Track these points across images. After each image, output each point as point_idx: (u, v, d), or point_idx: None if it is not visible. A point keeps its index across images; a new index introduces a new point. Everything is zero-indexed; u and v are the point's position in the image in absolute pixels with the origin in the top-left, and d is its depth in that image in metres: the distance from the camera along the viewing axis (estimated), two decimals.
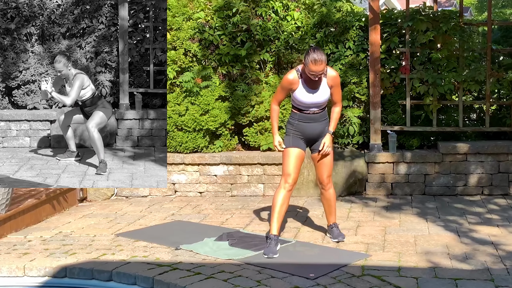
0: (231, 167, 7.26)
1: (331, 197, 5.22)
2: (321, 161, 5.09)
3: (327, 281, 4.20)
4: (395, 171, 7.04)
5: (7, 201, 5.70)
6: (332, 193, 5.21)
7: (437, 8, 7.34)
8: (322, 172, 5.12)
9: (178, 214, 6.42)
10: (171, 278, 4.36)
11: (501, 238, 5.17)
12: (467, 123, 7.54)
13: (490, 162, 6.96)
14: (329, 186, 5.17)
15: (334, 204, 5.26)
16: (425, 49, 7.19)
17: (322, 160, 5.08)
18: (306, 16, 7.53)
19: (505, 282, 4.10)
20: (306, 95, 4.90)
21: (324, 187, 5.17)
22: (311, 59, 4.69)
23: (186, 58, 7.43)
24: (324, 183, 5.15)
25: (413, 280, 4.18)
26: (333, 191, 5.23)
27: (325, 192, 5.19)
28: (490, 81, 7.13)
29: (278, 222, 4.93)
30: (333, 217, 5.29)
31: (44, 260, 4.88)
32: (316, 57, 4.68)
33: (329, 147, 5.03)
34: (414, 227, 5.61)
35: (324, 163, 5.09)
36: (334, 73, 4.95)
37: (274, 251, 4.82)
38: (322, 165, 5.10)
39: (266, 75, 7.54)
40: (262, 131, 7.37)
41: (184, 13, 7.53)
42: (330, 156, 5.10)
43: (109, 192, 7.32)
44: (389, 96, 7.34)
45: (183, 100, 7.42)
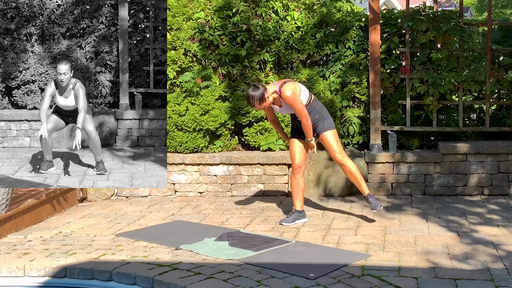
0: (231, 167, 7.26)
1: (352, 170, 5.73)
2: (325, 143, 5.76)
3: (327, 281, 4.20)
4: (395, 171, 7.04)
5: (7, 201, 5.70)
6: (350, 166, 5.73)
7: (437, 8, 7.34)
8: (331, 152, 5.76)
9: (178, 214, 6.42)
10: (171, 278, 4.36)
11: (501, 238, 5.17)
12: (467, 123, 7.54)
13: (490, 162, 6.96)
14: (344, 161, 5.72)
15: (358, 176, 5.76)
16: (425, 49, 7.19)
17: (325, 142, 5.75)
18: (306, 16, 7.53)
19: (505, 282, 4.10)
20: (278, 109, 5.76)
21: (340, 163, 5.76)
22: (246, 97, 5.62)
23: (186, 58, 7.43)
24: (337, 160, 5.77)
25: (413, 280, 4.18)
26: (352, 164, 5.75)
27: (343, 167, 5.76)
28: (490, 81, 7.13)
29: (297, 198, 5.86)
30: (364, 189, 5.78)
31: (44, 260, 4.87)
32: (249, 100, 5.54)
33: (313, 151, 5.81)
34: (414, 227, 5.62)
35: (327, 144, 5.74)
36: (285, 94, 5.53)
37: (288, 221, 5.80)
38: (327, 146, 5.77)
39: (266, 75, 7.54)
40: (262, 131, 7.37)
41: (184, 13, 7.53)
42: (331, 135, 5.71)
43: (109, 192, 7.32)
44: (389, 96, 7.34)
45: (183, 100, 7.42)
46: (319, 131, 5.74)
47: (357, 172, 5.76)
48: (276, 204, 6.75)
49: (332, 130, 5.74)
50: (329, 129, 5.71)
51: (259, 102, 5.51)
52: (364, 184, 5.81)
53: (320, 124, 5.72)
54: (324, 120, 5.73)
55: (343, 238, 5.31)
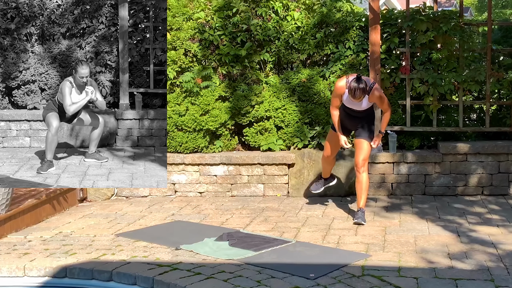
0: (231, 167, 7.26)
1: (363, 181, 5.82)
2: (358, 146, 5.84)
3: (327, 281, 4.20)
4: (395, 171, 7.04)
5: (7, 201, 5.69)
6: (364, 177, 5.81)
7: (437, 8, 7.34)
8: (358, 155, 5.84)
9: (178, 214, 6.42)
10: (171, 278, 4.36)
11: (501, 238, 5.17)
12: (467, 123, 7.54)
13: (490, 162, 6.96)
14: (363, 170, 5.81)
15: (365, 189, 5.83)
16: (425, 49, 7.19)
17: (359, 145, 5.83)
18: (306, 16, 7.53)
19: (505, 282, 4.10)
20: (349, 103, 5.72)
21: (358, 170, 5.84)
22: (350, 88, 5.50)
23: (186, 58, 7.43)
24: (358, 165, 5.84)
25: (413, 280, 4.18)
26: (366, 176, 5.84)
27: (358, 175, 5.84)
28: (490, 81, 7.13)
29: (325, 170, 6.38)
30: (361, 202, 5.83)
31: (44, 260, 4.88)
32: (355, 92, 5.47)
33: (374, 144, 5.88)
34: (414, 227, 5.62)
35: (360, 147, 5.83)
36: (376, 94, 5.66)
37: (315, 188, 6.47)
38: (358, 149, 5.85)
39: (266, 75, 7.54)
40: (262, 131, 7.37)
41: (184, 13, 7.53)
42: (367, 144, 5.82)
43: (109, 192, 7.32)
44: (389, 96, 7.33)
45: (183, 100, 7.42)
46: (361, 135, 5.86)
47: (365, 185, 5.85)
48: (276, 204, 6.75)
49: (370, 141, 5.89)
50: (369, 139, 5.87)
51: (363, 94, 5.51)
52: (365, 199, 5.87)
53: (366, 130, 5.87)
54: (370, 127, 5.89)
55: (343, 238, 5.32)
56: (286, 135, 7.32)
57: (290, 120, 7.28)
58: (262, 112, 7.31)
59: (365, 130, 5.88)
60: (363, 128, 5.88)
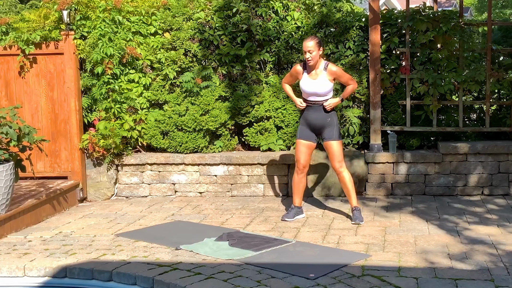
0: (231, 167, 7.26)
1: (345, 180, 5.86)
2: (329, 150, 5.90)
3: (327, 281, 4.21)
4: (395, 171, 7.04)
5: (7, 201, 5.70)
6: (345, 176, 5.86)
7: (437, 8, 7.34)
8: (332, 160, 5.90)
9: (178, 214, 6.42)
10: (171, 278, 4.36)
11: (501, 238, 5.17)
12: (467, 123, 7.54)
13: (490, 162, 6.96)
14: (340, 171, 5.85)
15: (350, 187, 5.86)
16: (425, 49, 7.19)
17: (329, 149, 5.88)
18: (306, 16, 7.53)
19: (505, 282, 4.11)
20: (308, 85, 5.79)
21: (337, 172, 5.90)
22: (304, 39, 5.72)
23: (186, 58, 7.44)
24: (334, 168, 5.90)
25: (413, 280, 4.19)
26: (347, 174, 5.87)
27: (339, 176, 5.89)
28: (490, 81, 7.13)
29: (297, 196, 6.04)
30: (352, 201, 5.89)
31: (44, 260, 4.88)
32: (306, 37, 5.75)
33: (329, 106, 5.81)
34: (414, 227, 5.62)
35: (330, 151, 5.88)
36: (333, 69, 5.80)
37: (289, 216, 5.99)
38: (330, 154, 5.91)
39: (266, 75, 7.54)
40: (262, 131, 7.37)
41: (184, 13, 7.53)
42: (337, 145, 5.85)
43: (109, 192, 7.33)
44: (389, 96, 7.34)
45: (183, 100, 7.43)
46: (327, 137, 5.87)
47: (350, 183, 5.88)
48: (276, 204, 6.76)
49: (339, 141, 5.88)
50: (337, 140, 5.86)
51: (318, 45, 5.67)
52: (354, 196, 5.89)
53: (330, 130, 5.87)
54: (334, 127, 5.87)
55: (343, 238, 5.32)
56: (286, 135, 7.32)
57: (290, 120, 7.28)
58: (262, 112, 7.31)
59: (332, 128, 5.85)
60: (330, 126, 5.85)
